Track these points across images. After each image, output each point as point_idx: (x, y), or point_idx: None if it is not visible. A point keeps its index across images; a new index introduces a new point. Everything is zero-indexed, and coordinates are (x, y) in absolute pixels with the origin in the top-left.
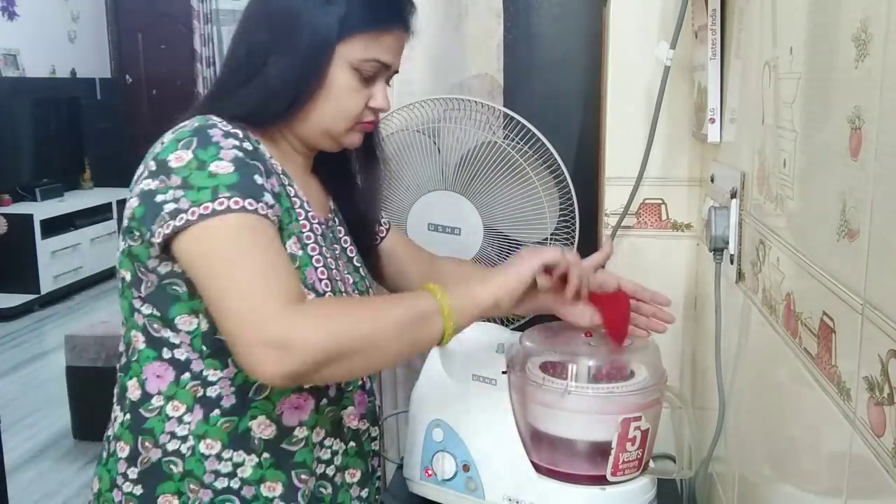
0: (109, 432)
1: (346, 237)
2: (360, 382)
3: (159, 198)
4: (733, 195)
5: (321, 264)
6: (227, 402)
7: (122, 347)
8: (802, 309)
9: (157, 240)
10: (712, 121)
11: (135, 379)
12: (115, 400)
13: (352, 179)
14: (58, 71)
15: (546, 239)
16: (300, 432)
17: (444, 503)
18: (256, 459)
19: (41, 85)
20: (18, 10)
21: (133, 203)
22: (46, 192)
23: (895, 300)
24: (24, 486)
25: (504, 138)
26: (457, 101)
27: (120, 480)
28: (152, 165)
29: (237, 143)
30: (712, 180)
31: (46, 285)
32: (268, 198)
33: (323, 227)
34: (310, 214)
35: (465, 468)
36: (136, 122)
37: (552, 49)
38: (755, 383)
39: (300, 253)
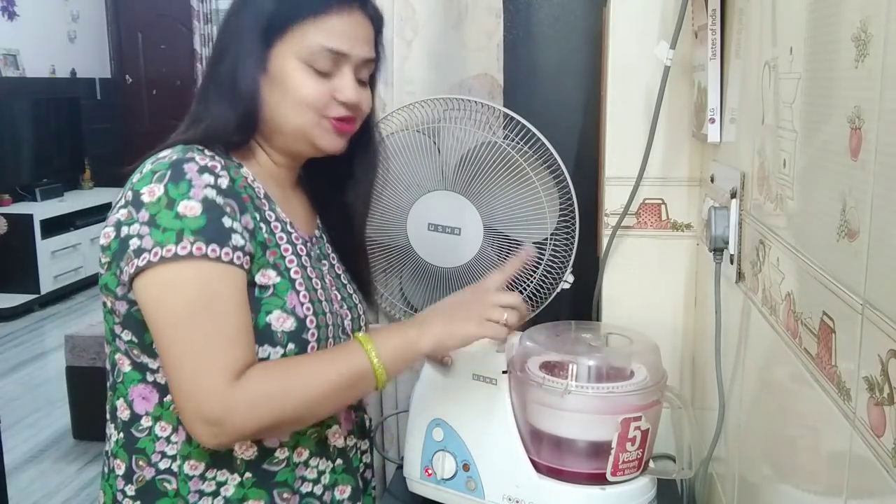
0: (107, 448)
1: (333, 253)
2: None
3: (124, 231)
4: (733, 195)
5: (304, 287)
6: None
7: (108, 366)
8: (802, 309)
9: (125, 278)
10: (712, 121)
11: (122, 399)
12: (107, 417)
13: (338, 201)
14: (58, 71)
15: (546, 239)
16: (281, 453)
17: (443, 503)
18: (239, 479)
19: (41, 85)
20: (18, 10)
21: (109, 233)
22: (46, 192)
23: (895, 300)
24: (24, 486)
25: (504, 138)
26: (457, 101)
27: (119, 496)
28: (129, 195)
29: (212, 178)
30: (712, 180)
31: (46, 285)
32: (235, 240)
33: (308, 244)
34: (293, 236)
35: (465, 468)
36: (136, 122)
37: (552, 49)
38: (755, 383)
39: (278, 280)
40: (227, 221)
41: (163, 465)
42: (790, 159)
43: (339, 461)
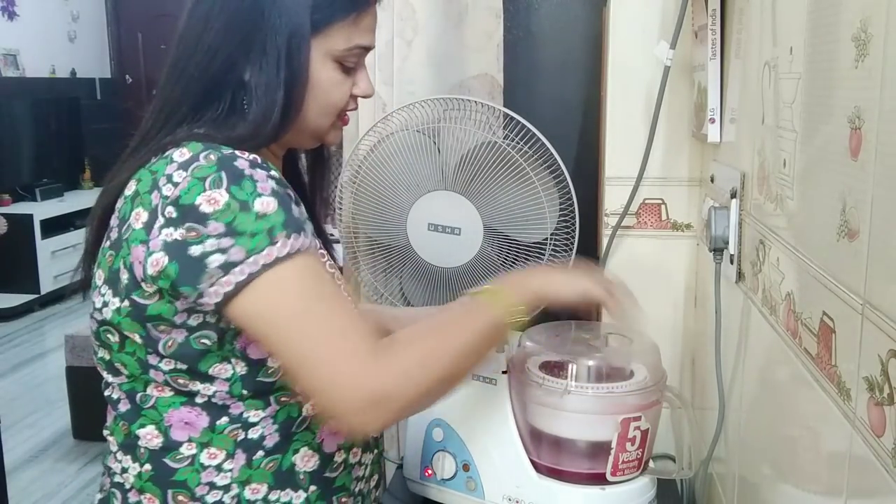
0: (118, 480)
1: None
2: None
3: (195, 250)
4: (733, 195)
5: (335, 275)
6: (270, 442)
7: (115, 395)
8: (802, 309)
9: (216, 300)
10: (712, 121)
11: (152, 427)
12: (116, 450)
13: (302, 182)
14: (58, 71)
15: (546, 239)
16: (339, 456)
17: (444, 503)
18: (304, 495)
19: (41, 85)
20: (18, 10)
21: (159, 259)
22: (46, 192)
23: (895, 300)
24: (24, 486)
25: (504, 138)
26: (457, 101)
27: None
28: (172, 211)
29: (265, 171)
30: (712, 180)
31: (46, 285)
32: (308, 227)
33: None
34: None
35: (465, 468)
36: (136, 122)
37: (552, 49)
38: (755, 383)
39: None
40: (295, 210)
41: (211, 497)
42: (790, 159)
43: (375, 451)
